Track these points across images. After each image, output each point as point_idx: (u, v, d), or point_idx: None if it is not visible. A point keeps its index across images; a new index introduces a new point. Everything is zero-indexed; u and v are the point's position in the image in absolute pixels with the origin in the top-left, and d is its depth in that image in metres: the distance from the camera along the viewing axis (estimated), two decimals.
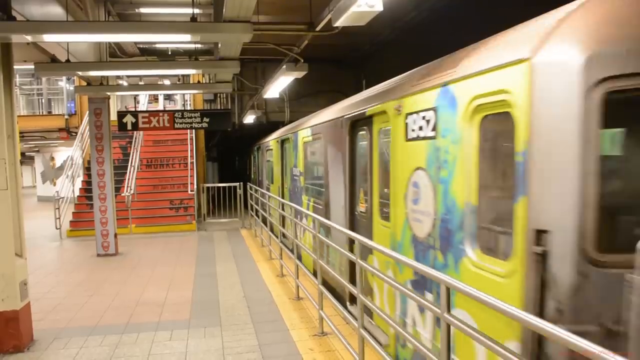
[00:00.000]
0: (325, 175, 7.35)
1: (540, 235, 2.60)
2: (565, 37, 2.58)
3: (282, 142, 11.61)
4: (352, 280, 5.29)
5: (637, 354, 1.97)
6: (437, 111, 3.70)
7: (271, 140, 13.48)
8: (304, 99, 16.48)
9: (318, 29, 7.06)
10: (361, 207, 5.95)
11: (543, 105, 2.61)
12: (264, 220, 11.69)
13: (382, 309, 4.48)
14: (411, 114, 4.19)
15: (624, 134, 2.71)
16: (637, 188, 2.62)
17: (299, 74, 8.31)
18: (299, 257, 7.37)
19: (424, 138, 3.94)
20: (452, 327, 2.82)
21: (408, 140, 4.26)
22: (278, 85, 9.64)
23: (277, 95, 11.94)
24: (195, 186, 15.60)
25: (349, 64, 16.09)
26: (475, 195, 3.26)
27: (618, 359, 1.63)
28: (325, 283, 5.61)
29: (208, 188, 16.32)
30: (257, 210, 12.05)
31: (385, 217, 4.98)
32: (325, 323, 5.52)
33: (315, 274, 5.95)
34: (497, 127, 3.13)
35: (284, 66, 8.30)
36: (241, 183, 15.28)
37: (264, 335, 5.65)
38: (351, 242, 5.23)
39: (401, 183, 4.42)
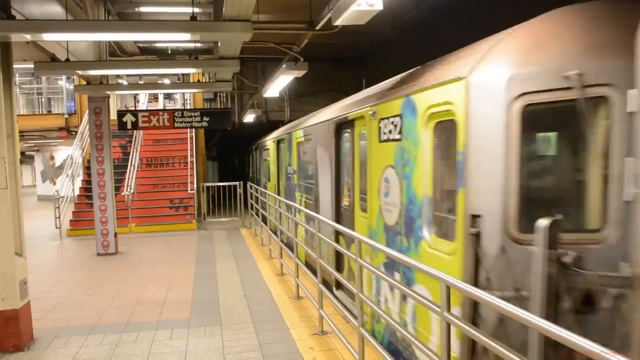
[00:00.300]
0: (315, 173, 7.93)
1: (474, 219, 3.22)
2: (493, 60, 3.26)
3: (278, 142, 12.22)
4: (338, 268, 6.28)
5: (537, 312, 2.60)
6: (402, 117, 4.36)
7: (268, 140, 14.10)
8: (304, 98, 16.47)
9: (318, 28, 7.06)
10: (345, 202, 6.66)
11: (476, 114, 3.26)
12: (264, 219, 11.70)
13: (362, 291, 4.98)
14: (383, 119, 4.84)
15: (540, 137, 3.34)
16: (549, 181, 3.26)
17: (299, 73, 8.30)
18: (290, 248, 8.08)
19: (393, 140, 4.60)
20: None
21: (381, 141, 4.91)
22: (278, 84, 9.64)
23: (277, 94, 11.93)
24: (195, 185, 15.60)
25: (349, 62, 16.08)
26: (431, 188, 3.95)
27: (620, 359, 1.62)
28: (315, 272, 5.99)
29: (208, 187, 16.32)
30: (257, 210, 12.05)
31: (364, 209, 5.60)
32: (325, 322, 5.52)
33: (308, 265, 6.65)
34: (445, 131, 3.76)
35: (284, 65, 8.29)
36: (241, 182, 15.28)
37: (264, 334, 5.65)
38: (337, 233, 5.78)
39: (375, 179, 5.05)
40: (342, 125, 6.65)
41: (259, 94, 13.36)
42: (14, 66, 5.74)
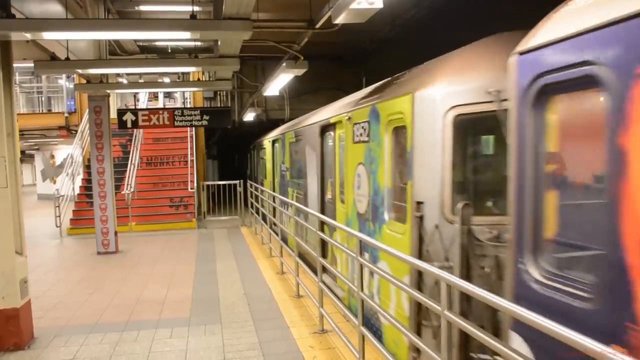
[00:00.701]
0: (304, 170, 8.98)
1: (419, 205, 4.08)
2: (432, 79, 4.14)
3: (274, 142, 13.30)
4: (323, 254, 7.18)
5: (457, 273, 3.51)
6: (370, 123, 5.33)
7: (265, 140, 15.33)
8: (304, 96, 16.46)
9: (318, 26, 7.05)
10: (329, 195, 7.64)
11: (419, 122, 4.14)
12: (264, 218, 11.70)
13: (341, 272, 6.29)
14: (356, 123, 5.81)
15: (468, 140, 4.09)
16: (476, 176, 4.12)
17: (299, 72, 8.30)
18: (285, 241, 9.12)
19: (363, 141, 5.56)
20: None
21: (354, 142, 5.91)
22: (278, 83, 9.63)
23: (277, 93, 11.92)
24: (195, 184, 15.60)
25: (349, 61, 16.07)
26: (390, 181, 4.86)
27: (624, 358, 1.62)
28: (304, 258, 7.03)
29: (208, 186, 16.32)
30: (257, 209, 12.06)
31: (344, 201, 6.50)
32: (325, 320, 5.52)
33: (300, 256, 7.24)
34: (400, 135, 4.69)
35: (284, 64, 8.28)
36: (241, 181, 15.28)
37: (264, 332, 5.65)
38: (322, 223, 6.48)
39: (351, 174, 6.04)
40: (326, 128, 7.55)
41: (259, 93, 13.35)
42: (14, 65, 5.74)
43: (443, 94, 3.95)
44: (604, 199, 2.11)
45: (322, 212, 7.65)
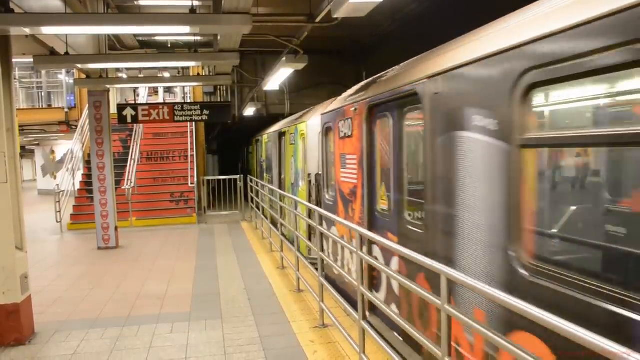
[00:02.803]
0: (271, 161, 13.51)
1: (309, 175, 8.63)
2: (315, 114, 8.53)
3: (256, 141, 18.47)
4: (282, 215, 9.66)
5: (313, 202, 8.25)
6: (295, 134, 9.90)
7: (253, 139, 20.16)
8: (304, 91, 16.44)
9: (318, 20, 7.04)
10: (282, 175, 11.98)
11: (310, 134, 8.77)
12: (264, 212, 11.72)
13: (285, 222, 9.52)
14: (291, 133, 10.48)
15: (330, 143, 7.10)
16: (334, 162, 6.74)
17: (299, 66, 8.29)
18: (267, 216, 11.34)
19: (292, 144, 10.25)
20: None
21: (290, 144, 10.66)
22: (278, 77, 9.63)
23: (277, 88, 11.93)
24: (195, 179, 15.60)
25: (349, 55, 16.03)
26: (302, 165, 9.36)
27: (638, 357, 1.62)
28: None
29: (208, 181, 16.31)
30: (257, 204, 12.07)
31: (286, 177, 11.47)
32: (326, 315, 5.53)
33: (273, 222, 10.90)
34: (304, 141, 9.22)
35: (284, 58, 8.28)
36: (241, 176, 15.27)
37: (264, 327, 5.66)
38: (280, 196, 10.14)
39: (288, 162, 10.80)
40: (281, 134, 12.11)
41: (259, 87, 13.34)
42: (14, 60, 5.72)
43: (316, 122, 8.08)
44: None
45: (280, 187, 12.05)
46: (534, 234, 2.76)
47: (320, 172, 7.52)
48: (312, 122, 8.42)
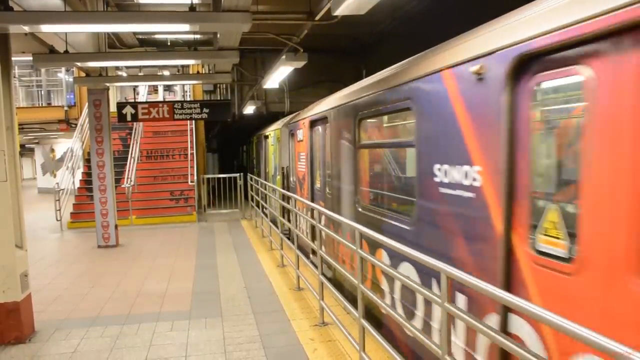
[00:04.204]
0: (259, 158, 16.82)
1: (283, 168, 10.96)
2: (284, 122, 11.39)
3: (249, 142, 22.48)
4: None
5: (283, 186, 11.06)
6: (273, 136, 12.68)
7: (249, 140, 22.85)
8: (304, 89, 16.41)
9: (317, 18, 7.02)
10: (266, 169, 14.56)
11: (283, 137, 11.05)
12: (264, 210, 11.74)
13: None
14: (270, 137, 13.56)
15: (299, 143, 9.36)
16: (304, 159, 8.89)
17: (299, 64, 8.27)
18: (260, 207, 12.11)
19: (272, 145, 12.95)
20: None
21: (271, 145, 13.24)
22: (278, 76, 9.61)
23: (276, 86, 11.89)
24: (195, 177, 15.59)
25: (349, 53, 15.99)
26: (278, 161, 11.54)
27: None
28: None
29: (208, 179, 16.31)
30: (257, 202, 12.08)
31: (269, 170, 14.01)
32: (325, 313, 5.53)
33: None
34: (278, 143, 11.62)
35: (284, 56, 8.26)
36: (241, 174, 15.28)
37: (264, 325, 5.66)
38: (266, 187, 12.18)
39: (270, 159, 13.58)
40: (265, 137, 14.66)
41: (258, 86, 13.32)
42: (13, 58, 5.71)
43: (288, 126, 10.29)
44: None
45: (265, 179, 14.58)
46: (363, 191, 5.69)
47: (287, 165, 10.68)
48: (284, 129, 11.11)
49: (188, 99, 19.16)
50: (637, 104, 2.02)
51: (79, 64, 8.60)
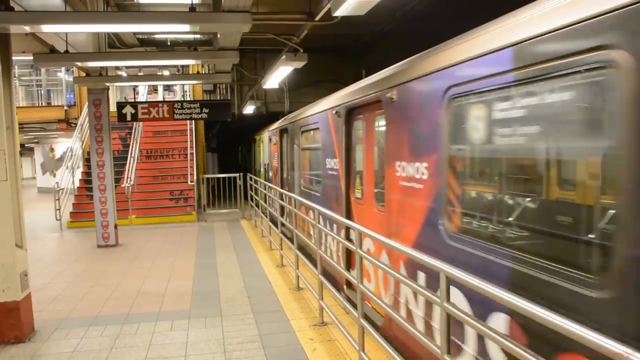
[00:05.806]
0: (254, 156, 19.21)
1: (265, 164, 14.92)
2: (275, 127, 12.60)
3: (244, 143, 25.28)
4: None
5: (268, 179, 14.43)
6: (264, 139, 15.11)
7: (247, 140, 25.58)
8: (304, 89, 16.43)
9: (317, 18, 7.04)
10: (255, 168, 18.57)
11: (265, 140, 14.90)
12: (264, 210, 11.74)
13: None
14: (255, 140, 18.50)
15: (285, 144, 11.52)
16: (281, 157, 12.05)
17: (299, 64, 8.28)
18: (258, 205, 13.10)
19: (259, 146, 16.79)
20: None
21: (258, 146, 17.38)
22: (277, 76, 9.63)
23: (276, 86, 11.92)
24: (195, 177, 15.60)
25: (349, 53, 16.02)
26: (268, 159, 14.30)
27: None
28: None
29: (208, 179, 16.32)
30: (257, 202, 12.09)
31: (263, 166, 15.96)
32: (325, 313, 5.54)
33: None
34: (263, 145, 15.58)
35: (284, 56, 8.27)
36: (241, 174, 15.29)
37: (264, 325, 5.67)
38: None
39: (258, 158, 17.47)
40: (255, 139, 17.80)
41: (258, 86, 13.34)
42: (13, 58, 5.72)
43: (279, 129, 11.62)
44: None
45: (255, 173, 17.07)
46: (305, 178, 8.98)
47: (268, 162, 13.80)
48: (265, 135, 13.89)
49: (188, 98, 19.16)
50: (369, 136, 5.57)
51: (79, 63, 8.60)
